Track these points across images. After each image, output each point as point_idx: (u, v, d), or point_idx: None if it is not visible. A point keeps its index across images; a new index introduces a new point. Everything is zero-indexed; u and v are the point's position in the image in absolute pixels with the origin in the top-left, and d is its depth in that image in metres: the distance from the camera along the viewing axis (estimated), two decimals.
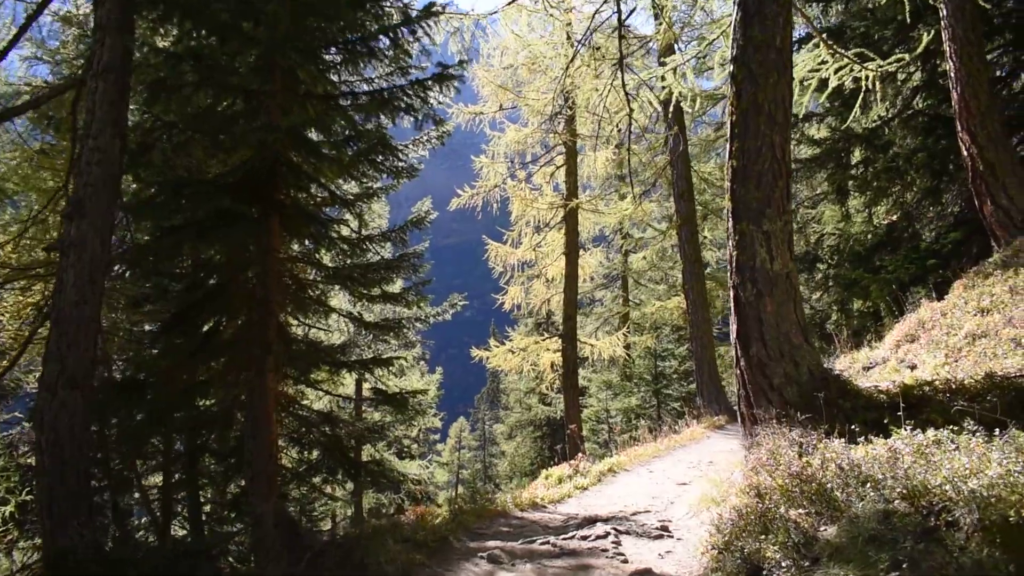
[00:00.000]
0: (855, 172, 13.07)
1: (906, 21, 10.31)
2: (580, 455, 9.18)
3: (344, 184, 8.77)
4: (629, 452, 9.84)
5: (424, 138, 7.65)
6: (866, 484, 3.13)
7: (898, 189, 12.54)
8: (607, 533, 5.03)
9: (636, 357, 21.85)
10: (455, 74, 6.55)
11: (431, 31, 6.70)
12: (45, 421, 5.45)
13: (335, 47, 6.79)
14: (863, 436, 3.89)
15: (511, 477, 27.12)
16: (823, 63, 8.55)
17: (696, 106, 10.71)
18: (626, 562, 4.34)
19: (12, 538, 7.76)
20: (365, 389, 16.32)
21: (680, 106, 14.76)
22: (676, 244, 18.43)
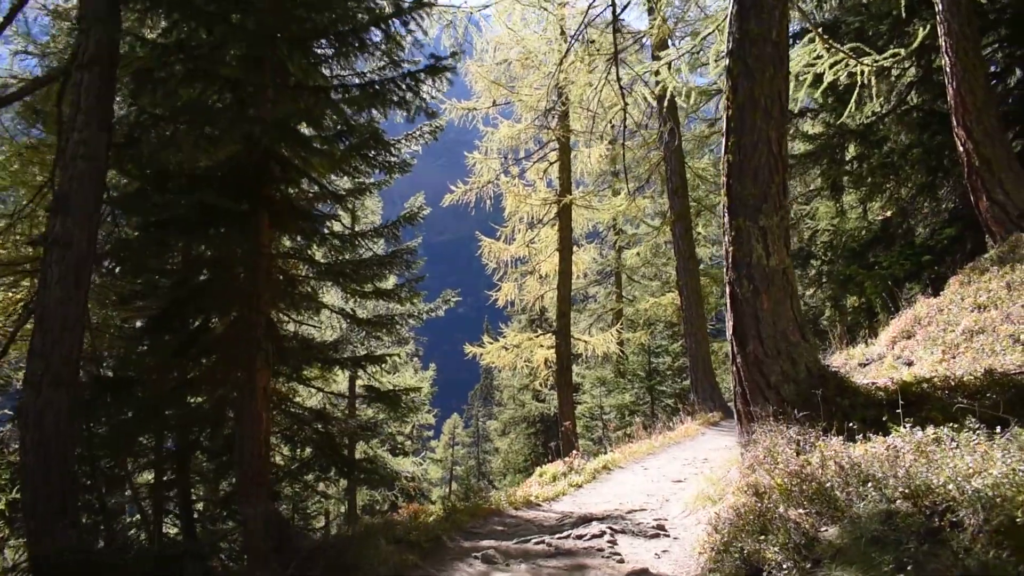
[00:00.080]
0: (850, 168, 13.04)
1: (901, 16, 10.30)
2: (574, 452, 9.12)
3: (337, 179, 8.68)
4: (623, 449, 9.80)
5: (417, 133, 7.57)
6: (867, 483, 3.08)
7: (893, 185, 12.52)
8: (603, 532, 4.97)
9: (630, 353, 21.84)
10: (448, 66, 6.44)
11: (423, 23, 6.59)
12: (29, 420, 5.35)
13: (326, 39, 6.67)
14: (862, 434, 3.83)
15: (505, 473, 27.11)
16: (818, 58, 8.49)
17: (691, 101, 10.63)
18: (622, 562, 4.28)
19: (3, 536, 7.66)
20: (358, 386, 16.23)
21: (674, 102, 14.74)
22: (670, 240, 18.42)
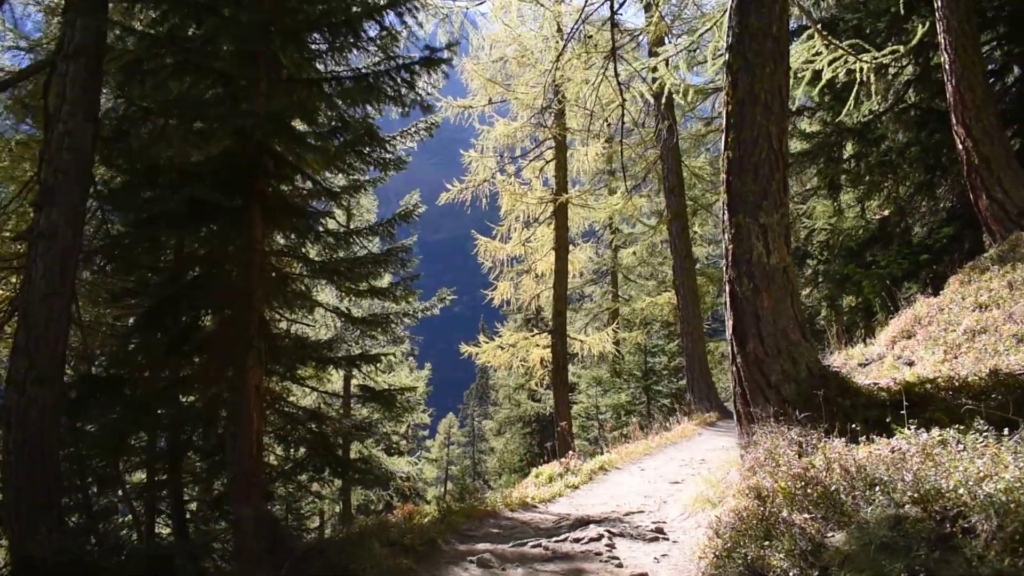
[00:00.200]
0: (847, 166, 12.97)
1: (899, 13, 10.24)
2: (570, 452, 9.02)
3: (331, 176, 8.57)
4: (620, 450, 9.71)
5: (412, 129, 7.46)
6: (874, 487, 2.99)
7: (891, 183, 12.47)
8: (600, 535, 4.87)
9: (626, 353, 21.78)
10: (444, 58, 6.32)
11: (419, 16, 6.48)
12: (13, 419, 5.21)
13: (319, 32, 6.55)
14: (864, 435, 3.75)
15: (500, 473, 26.99)
16: (817, 55, 8.42)
17: (688, 98, 10.56)
18: (621, 566, 4.19)
19: None
20: (353, 385, 16.08)
21: (671, 100, 14.63)
22: (666, 239, 18.36)
